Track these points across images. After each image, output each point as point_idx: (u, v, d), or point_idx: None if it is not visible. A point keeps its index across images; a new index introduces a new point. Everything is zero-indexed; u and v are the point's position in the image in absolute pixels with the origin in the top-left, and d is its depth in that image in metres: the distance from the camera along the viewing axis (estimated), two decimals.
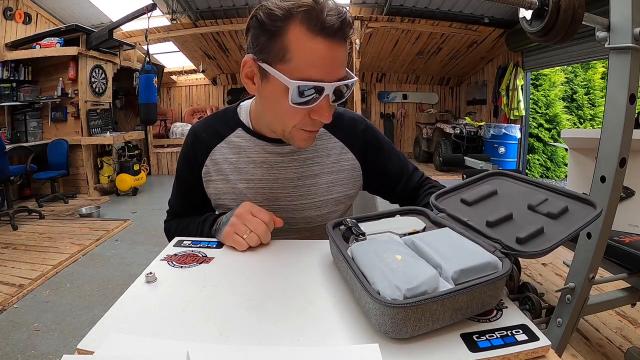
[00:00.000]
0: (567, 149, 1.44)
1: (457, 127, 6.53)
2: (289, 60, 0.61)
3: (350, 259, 0.50)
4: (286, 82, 0.60)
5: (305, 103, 0.63)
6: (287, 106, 0.63)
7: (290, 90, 0.61)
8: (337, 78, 0.63)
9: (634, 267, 1.30)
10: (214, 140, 0.82)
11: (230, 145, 0.81)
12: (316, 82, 0.61)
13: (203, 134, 0.83)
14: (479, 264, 0.45)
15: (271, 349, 0.40)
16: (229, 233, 0.67)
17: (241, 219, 0.67)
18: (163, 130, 8.01)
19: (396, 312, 0.39)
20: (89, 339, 0.41)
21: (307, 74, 0.60)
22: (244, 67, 0.67)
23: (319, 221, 0.82)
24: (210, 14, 6.17)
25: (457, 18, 6.17)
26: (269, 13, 0.60)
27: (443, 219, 0.60)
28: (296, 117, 0.66)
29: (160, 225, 1.00)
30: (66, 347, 1.85)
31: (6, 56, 4.78)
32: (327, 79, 0.62)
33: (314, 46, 0.60)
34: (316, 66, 0.61)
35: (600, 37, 0.85)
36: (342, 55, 0.63)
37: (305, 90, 0.61)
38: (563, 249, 2.38)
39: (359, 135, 0.84)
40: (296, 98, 0.62)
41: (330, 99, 0.64)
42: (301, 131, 0.69)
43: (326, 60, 0.61)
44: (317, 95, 0.62)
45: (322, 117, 0.65)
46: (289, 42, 0.60)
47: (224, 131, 0.82)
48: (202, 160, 0.82)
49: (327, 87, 0.62)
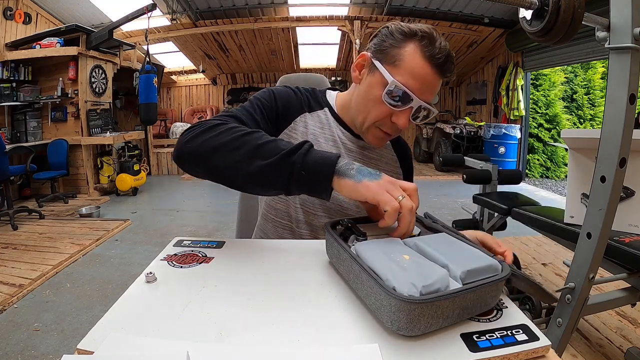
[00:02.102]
0: (567, 149, 1.44)
1: (457, 127, 6.53)
2: (398, 66, 0.73)
3: (357, 257, 0.50)
4: (388, 78, 0.72)
5: (393, 103, 0.74)
6: (379, 98, 0.74)
7: (387, 85, 0.73)
8: (425, 100, 0.73)
9: (634, 267, 1.30)
10: (307, 107, 0.88)
11: (318, 119, 0.87)
12: (409, 91, 0.72)
13: (303, 96, 0.88)
14: (483, 266, 0.47)
15: (271, 349, 0.40)
16: (381, 186, 0.55)
17: (392, 184, 0.57)
18: (163, 130, 8.02)
19: (413, 307, 0.40)
20: (89, 339, 0.41)
21: (406, 82, 0.72)
22: (359, 58, 0.79)
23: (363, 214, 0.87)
24: (210, 14, 6.17)
25: (457, 18, 6.17)
26: (400, 28, 0.74)
27: (437, 225, 0.61)
28: (380, 112, 0.76)
29: (160, 225, 0.99)
30: (66, 347, 1.85)
31: (6, 56, 4.78)
32: (418, 94, 0.72)
33: (421, 65, 0.71)
34: (416, 80, 0.72)
35: (600, 37, 0.85)
36: (437, 85, 0.74)
37: (398, 91, 0.72)
38: (563, 249, 2.39)
39: (407, 157, 0.99)
40: (388, 95, 0.73)
41: (411, 113, 0.74)
42: (378, 130, 0.79)
43: (425, 81, 0.72)
44: (404, 102, 0.73)
45: (399, 122, 0.75)
46: (404, 53, 0.72)
47: (315, 105, 0.89)
48: (293, 116, 0.85)
49: (415, 100, 0.72)
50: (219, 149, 0.62)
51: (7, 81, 4.77)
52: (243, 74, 8.54)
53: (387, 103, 0.74)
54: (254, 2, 5.98)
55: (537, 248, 3.05)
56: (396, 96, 0.73)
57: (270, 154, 0.59)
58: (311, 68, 8.27)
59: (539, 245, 3.09)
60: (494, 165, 2.26)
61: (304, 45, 7.35)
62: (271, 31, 6.57)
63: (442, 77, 0.74)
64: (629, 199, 1.31)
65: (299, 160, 0.58)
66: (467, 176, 2.23)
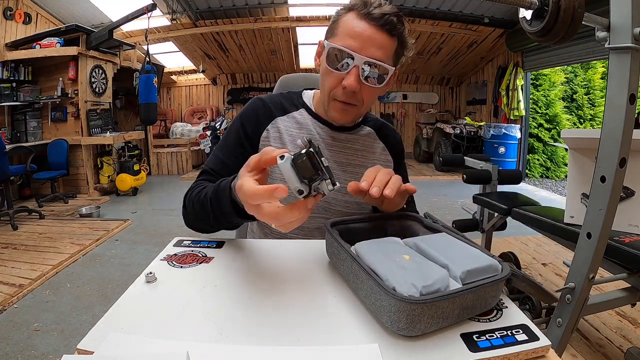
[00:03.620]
0: (567, 149, 1.44)
1: (457, 127, 6.53)
2: (336, 34, 0.75)
3: (357, 257, 0.50)
4: (326, 44, 0.75)
5: (338, 68, 0.74)
6: (326, 69, 0.76)
7: (325, 51, 0.75)
8: (369, 55, 0.72)
9: (634, 267, 1.30)
10: (279, 111, 0.88)
11: (293, 120, 0.88)
12: (348, 49, 0.72)
13: (269, 103, 0.89)
14: (483, 266, 0.47)
15: (271, 349, 0.40)
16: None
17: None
18: (163, 130, 8.01)
19: (413, 308, 0.40)
20: (89, 339, 0.41)
21: (343, 43, 0.73)
22: (318, 47, 0.82)
23: (355, 208, 0.87)
24: (210, 14, 6.17)
25: (457, 18, 6.17)
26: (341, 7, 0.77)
27: (437, 225, 0.61)
28: (331, 81, 0.77)
29: (160, 225, 0.99)
30: (66, 347, 1.85)
31: (6, 56, 4.78)
32: (359, 51, 0.72)
33: (356, 23, 0.73)
34: (353, 39, 0.72)
35: (600, 37, 0.85)
36: (378, 39, 0.73)
37: (338, 54, 0.73)
38: (563, 249, 2.39)
39: (396, 145, 0.96)
40: (331, 60, 0.75)
41: (361, 73, 0.73)
42: (335, 102, 0.79)
43: (363, 36, 0.72)
44: (348, 63, 0.73)
45: (347, 83, 0.73)
46: (342, 21, 0.75)
47: (289, 107, 0.89)
48: (264, 125, 0.86)
49: (357, 57, 0.72)
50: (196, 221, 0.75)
51: (7, 81, 4.77)
52: (243, 74, 8.54)
53: (332, 69, 0.75)
54: (254, 2, 5.98)
55: (537, 248, 3.05)
56: (337, 59, 0.74)
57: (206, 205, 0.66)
58: (311, 68, 8.25)
59: (539, 245, 3.09)
60: (494, 165, 2.26)
61: (304, 45, 7.34)
62: (271, 31, 6.56)
63: (385, 33, 0.73)
64: (629, 199, 1.31)
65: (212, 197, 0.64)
66: (467, 176, 2.23)
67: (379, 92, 0.79)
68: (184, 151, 6.93)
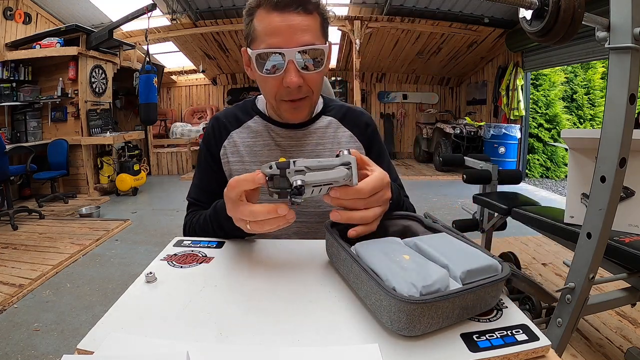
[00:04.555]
0: (567, 149, 1.44)
1: (457, 127, 6.53)
2: (255, 38, 0.71)
3: (357, 257, 0.50)
4: (251, 53, 0.70)
5: (273, 71, 0.70)
6: (262, 77, 0.72)
7: (253, 60, 0.70)
8: (298, 44, 0.68)
9: (634, 267, 1.30)
10: (234, 124, 0.88)
11: (248, 130, 0.87)
12: (274, 49, 0.68)
13: (224, 119, 0.88)
14: (483, 266, 0.46)
15: (271, 349, 0.40)
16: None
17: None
18: (163, 130, 8.01)
19: (413, 308, 0.39)
20: (89, 339, 0.41)
21: (268, 43, 0.69)
22: (243, 57, 0.77)
23: (328, 205, 0.84)
24: (210, 14, 6.17)
25: (457, 18, 6.17)
26: (247, 6, 0.72)
27: (437, 225, 0.61)
28: (271, 86, 0.73)
29: (160, 225, 1.00)
30: (66, 347, 1.85)
31: (6, 56, 4.78)
32: (286, 45, 0.68)
33: (270, 19, 0.68)
34: (273, 35, 0.68)
35: (600, 37, 0.85)
36: (299, 23, 0.68)
37: (267, 56, 0.69)
38: (563, 249, 2.39)
39: (366, 130, 0.90)
40: (261, 67, 0.71)
41: (297, 65, 0.69)
42: (284, 102, 0.75)
43: (281, 29, 0.68)
44: (281, 61, 0.69)
45: (287, 81, 0.69)
46: (254, 24, 0.71)
47: (243, 117, 0.88)
48: (221, 142, 0.87)
49: (287, 52, 0.68)
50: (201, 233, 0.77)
51: (7, 81, 4.77)
52: (243, 74, 8.52)
53: (268, 75, 0.71)
54: None
55: (537, 248, 3.05)
56: (268, 63, 0.70)
57: (207, 225, 0.73)
58: None
59: (539, 245, 3.09)
60: (494, 165, 2.26)
61: None
62: None
63: (302, 13, 0.68)
64: (629, 199, 1.31)
65: (211, 214, 0.72)
66: (467, 176, 2.23)
67: (322, 74, 0.75)
68: (184, 151, 6.93)
